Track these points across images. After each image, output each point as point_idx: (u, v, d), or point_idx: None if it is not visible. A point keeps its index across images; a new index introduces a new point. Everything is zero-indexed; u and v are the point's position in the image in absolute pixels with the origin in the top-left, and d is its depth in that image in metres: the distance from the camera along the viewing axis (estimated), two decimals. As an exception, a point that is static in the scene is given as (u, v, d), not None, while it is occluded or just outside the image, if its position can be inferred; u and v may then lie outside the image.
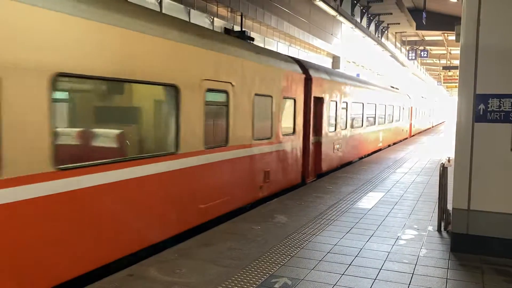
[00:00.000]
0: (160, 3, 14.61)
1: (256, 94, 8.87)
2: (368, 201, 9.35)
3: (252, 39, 10.26)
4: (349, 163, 16.01)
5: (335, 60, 31.30)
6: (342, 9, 23.74)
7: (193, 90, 6.76)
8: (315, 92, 12.13)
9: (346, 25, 27.08)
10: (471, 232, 6.12)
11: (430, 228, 7.34)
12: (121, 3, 5.66)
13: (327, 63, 29.63)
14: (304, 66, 11.90)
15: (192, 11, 16.14)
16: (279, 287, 4.86)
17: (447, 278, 5.22)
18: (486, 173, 6.02)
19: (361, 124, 17.30)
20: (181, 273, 5.15)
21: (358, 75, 21.16)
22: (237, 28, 18.62)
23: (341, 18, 23.56)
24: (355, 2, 27.63)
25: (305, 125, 11.71)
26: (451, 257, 5.94)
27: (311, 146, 12.07)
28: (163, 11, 14.37)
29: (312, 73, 12.02)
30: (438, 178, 7.79)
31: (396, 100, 24.27)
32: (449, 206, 6.77)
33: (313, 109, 12.10)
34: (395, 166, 14.90)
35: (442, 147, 23.05)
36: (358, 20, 29.45)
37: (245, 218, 7.69)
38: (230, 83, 7.89)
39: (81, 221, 4.94)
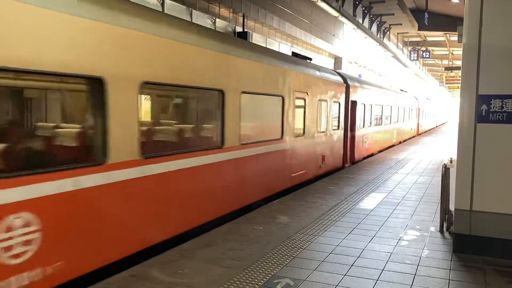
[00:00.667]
0: (162, 4, 14.63)
1: (319, 100, 12.34)
2: (370, 202, 9.34)
3: (310, 59, 13.03)
4: (371, 155, 18.75)
5: (337, 60, 31.29)
6: (344, 9, 23.75)
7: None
8: (352, 97, 15.27)
9: (348, 25, 27.09)
10: (474, 233, 6.11)
11: (432, 229, 7.33)
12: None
13: (329, 63, 29.62)
14: (343, 77, 14.98)
15: (194, 12, 16.16)
16: (282, 287, 4.86)
17: (449, 279, 5.21)
18: (488, 174, 6.01)
19: (380, 123, 20.27)
20: (183, 274, 5.15)
21: (360, 75, 21.15)
22: (239, 29, 18.63)
23: (343, 19, 23.57)
24: (357, 3, 27.62)
25: (345, 123, 14.98)
26: (454, 258, 5.93)
27: (348, 140, 15.21)
28: (165, 12, 14.40)
29: (349, 81, 15.07)
30: (440, 178, 7.77)
31: (406, 102, 27.67)
32: (451, 207, 6.75)
33: (350, 110, 15.24)
34: (397, 167, 14.88)
35: (445, 147, 23.01)
36: (360, 21, 29.45)
37: (247, 218, 7.69)
38: (307, 93, 11.51)
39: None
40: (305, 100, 11.33)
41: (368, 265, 5.59)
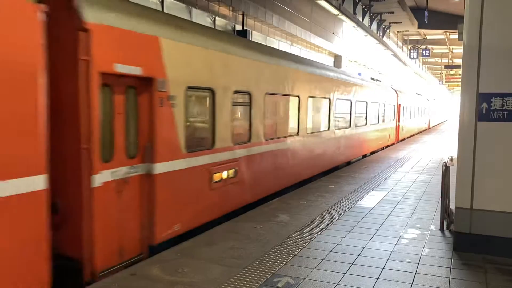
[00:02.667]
0: (162, 2, 14.61)
1: (384, 104, 20.60)
2: (370, 200, 9.33)
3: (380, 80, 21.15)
4: (402, 140, 26.61)
5: (337, 59, 31.26)
6: (344, 8, 23.71)
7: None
8: (399, 101, 24.54)
9: (348, 24, 27.06)
10: (474, 231, 6.11)
11: (432, 227, 7.32)
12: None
13: (328, 62, 29.60)
14: (393, 88, 24.62)
15: (193, 10, 16.13)
16: (282, 286, 4.85)
17: (450, 277, 5.21)
18: (489, 172, 6.00)
19: (409, 116, 28.94)
20: (183, 273, 5.15)
21: (359, 74, 21.12)
22: (238, 27, 18.61)
23: (343, 17, 23.54)
24: (357, 1, 27.59)
25: (396, 116, 24.11)
26: (454, 256, 5.93)
27: (397, 127, 24.45)
28: (165, 10, 14.37)
29: (397, 91, 24.70)
30: (440, 177, 7.77)
31: (421, 104, 34.94)
32: (452, 205, 6.75)
33: (398, 109, 24.26)
34: (397, 165, 14.88)
35: (444, 145, 23.02)
36: (360, 19, 29.41)
37: (248, 217, 7.69)
38: (379, 101, 19.65)
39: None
40: (379, 104, 19.20)
41: (369, 264, 5.59)
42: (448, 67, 46.14)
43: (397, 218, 7.86)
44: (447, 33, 37.73)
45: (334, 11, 21.79)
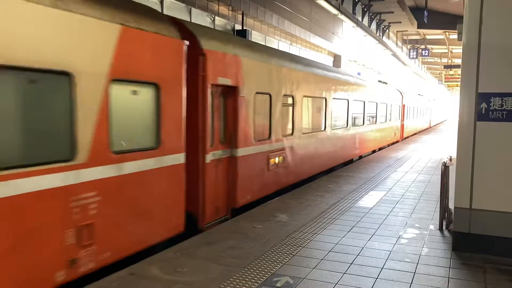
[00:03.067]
0: (162, 2, 14.60)
1: (391, 104, 22.45)
2: (370, 200, 9.34)
3: (386, 83, 22.67)
4: (406, 138, 28.21)
5: (336, 59, 31.27)
6: (344, 7, 23.70)
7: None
8: (404, 102, 26.28)
9: (347, 23, 27.06)
10: (473, 231, 6.11)
11: (431, 227, 7.33)
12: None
13: (328, 61, 29.61)
14: (398, 90, 25.60)
15: (193, 9, 16.13)
16: (281, 286, 4.85)
17: (449, 277, 5.21)
18: (488, 172, 6.01)
19: (412, 116, 30.59)
20: (182, 272, 5.15)
21: (359, 73, 21.13)
22: (238, 27, 18.60)
23: (342, 17, 23.53)
24: (356, 0, 27.59)
25: (401, 116, 26.10)
26: (453, 256, 5.94)
27: (402, 126, 26.42)
28: (164, 10, 14.36)
29: (402, 92, 26.16)
30: (439, 177, 7.77)
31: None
32: (451, 205, 6.75)
33: (403, 110, 26.18)
34: (396, 165, 14.88)
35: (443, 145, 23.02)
36: (360, 18, 29.41)
37: (247, 216, 7.69)
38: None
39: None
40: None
41: (368, 263, 5.59)
42: (448, 67, 46.16)
43: (396, 218, 7.86)
44: (447, 33, 37.74)
45: (333, 10, 21.78)
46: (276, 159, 9.72)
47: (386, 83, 23.47)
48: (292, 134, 10.53)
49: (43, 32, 4.28)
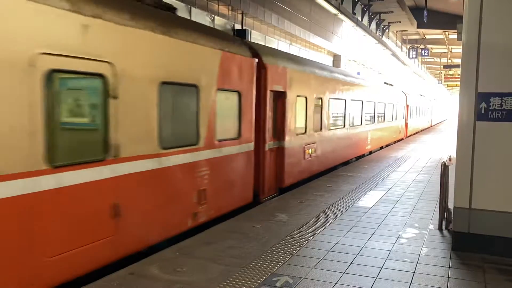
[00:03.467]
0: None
1: (397, 105, 24.33)
2: (369, 199, 9.34)
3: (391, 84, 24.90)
4: (410, 135, 29.65)
5: (336, 58, 31.27)
6: (343, 7, 23.70)
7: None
8: (408, 102, 27.99)
9: (347, 23, 27.06)
10: (473, 231, 6.11)
11: (431, 226, 7.33)
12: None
13: (327, 61, 29.60)
14: (403, 91, 27.26)
15: (192, 9, 16.12)
16: (281, 285, 4.85)
17: (448, 277, 5.21)
18: (487, 172, 6.01)
19: (415, 115, 32.09)
20: (182, 272, 5.15)
21: (358, 73, 21.18)
22: (238, 26, 18.59)
23: (342, 17, 23.54)
24: (356, 0, 27.59)
25: (406, 115, 27.77)
26: (453, 256, 5.94)
27: (406, 124, 28.12)
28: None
29: (406, 93, 27.60)
30: (439, 176, 7.77)
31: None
32: (450, 205, 6.76)
33: (407, 109, 27.84)
34: (396, 165, 14.89)
35: (443, 144, 23.04)
36: (359, 18, 29.42)
37: (246, 216, 7.69)
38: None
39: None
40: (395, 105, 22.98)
41: (367, 263, 5.60)
42: (447, 66, 46.15)
43: (395, 218, 7.87)
44: (446, 32, 37.75)
45: (333, 10, 21.78)
46: (310, 150, 11.74)
47: (392, 85, 24.72)
48: (320, 130, 12.53)
49: (187, 60, 6.63)
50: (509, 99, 5.83)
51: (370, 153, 18.87)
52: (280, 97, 9.92)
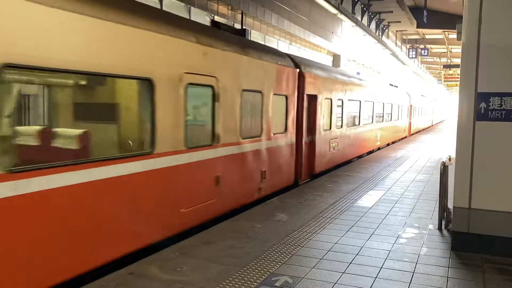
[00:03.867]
0: (161, 1, 14.59)
1: (402, 105, 26.99)
2: (369, 199, 9.34)
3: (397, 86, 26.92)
4: (413, 134, 31.82)
5: (336, 58, 31.27)
6: (343, 7, 23.69)
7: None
8: (411, 103, 30.19)
9: (346, 23, 27.05)
10: (472, 230, 6.11)
11: (430, 226, 7.33)
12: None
13: (327, 61, 29.59)
14: (407, 92, 29.31)
15: (192, 9, 16.11)
16: (280, 285, 4.85)
17: (447, 277, 5.21)
18: (487, 172, 6.01)
19: (418, 115, 34.41)
20: (181, 271, 5.15)
21: (358, 73, 21.21)
22: (237, 26, 18.59)
23: (341, 16, 23.52)
24: (355, 0, 27.58)
25: (409, 115, 29.93)
26: (452, 256, 5.94)
27: (409, 123, 30.42)
28: (164, 9, 14.35)
29: (409, 94, 29.73)
30: (438, 176, 7.78)
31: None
32: (450, 205, 6.76)
33: (410, 109, 30.11)
34: (396, 165, 14.89)
35: (442, 144, 23.04)
36: (359, 18, 29.40)
37: (246, 216, 7.69)
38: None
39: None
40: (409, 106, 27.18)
41: (367, 263, 5.60)
42: (447, 66, 46.18)
43: (395, 218, 7.87)
44: (446, 32, 37.75)
45: (333, 10, 21.77)
46: (333, 144, 13.87)
47: (397, 87, 26.71)
48: (341, 127, 14.69)
49: (256, 72, 8.89)
50: (509, 99, 5.84)
51: (379, 149, 20.84)
52: (313, 100, 11.99)
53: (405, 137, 28.57)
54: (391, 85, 25.58)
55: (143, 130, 6.00)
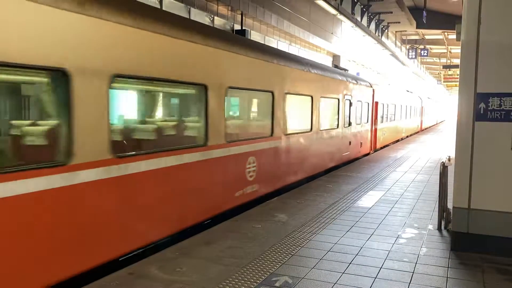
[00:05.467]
0: (161, 1, 14.60)
1: (416, 107, 36.04)
2: (368, 199, 9.35)
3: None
4: (423, 130, 40.06)
5: (335, 59, 31.27)
6: (343, 7, 23.71)
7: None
8: (422, 105, 38.95)
9: (346, 24, 27.07)
10: (472, 231, 6.12)
11: (430, 227, 7.34)
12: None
13: (327, 61, 29.61)
14: (419, 96, 37.94)
15: (192, 9, 16.12)
16: (280, 285, 4.86)
17: (447, 277, 5.22)
18: (486, 172, 6.02)
19: (427, 114, 42.46)
20: (181, 272, 5.15)
21: (358, 74, 21.34)
22: (237, 27, 18.60)
23: (341, 17, 23.54)
24: (355, 1, 27.60)
25: (421, 115, 38.98)
26: (452, 256, 5.95)
27: (421, 121, 39.05)
28: (163, 9, 14.34)
29: (421, 98, 38.53)
30: (438, 177, 7.78)
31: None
32: (450, 205, 6.77)
33: (421, 110, 39.40)
34: (395, 165, 14.90)
35: (443, 144, 23.06)
36: (359, 18, 29.43)
37: (246, 216, 7.70)
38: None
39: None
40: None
41: (366, 263, 5.61)
42: (446, 67, 46.15)
43: (395, 218, 7.88)
44: (446, 33, 37.78)
45: (332, 11, 21.79)
46: (382, 132, 20.50)
47: (412, 92, 34.80)
48: (386, 121, 20.93)
49: (363, 92, 17.20)
50: (508, 99, 5.85)
51: (402, 139, 27.76)
52: (376, 104, 19.10)
53: (418, 131, 36.35)
54: (407, 91, 33.15)
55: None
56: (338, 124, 14.05)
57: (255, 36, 19.99)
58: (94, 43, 4.91)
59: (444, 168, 7.43)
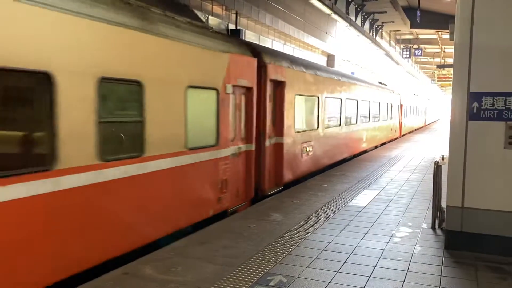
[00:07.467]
0: (155, 1, 14.53)
1: (423, 108, 46.90)
2: (363, 199, 9.38)
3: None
4: (427, 125, 51.04)
5: (330, 58, 31.33)
6: (337, 7, 23.76)
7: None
8: (427, 106, 52.99)
9: (340, 23, 27.13)
10: (465, 229, 6.16)
11: (424, 225, 7.38)
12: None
13: (321, 61, 29.65)
14: (427, 98, 53.66)
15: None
16: (274, 284, 4.87)
17: (441, 275, 5.25)
18: (480, 171, 6.05)
19: (430, 114, 58.39)
20: (176, 271, 5.15)
21: (352, 73, 21.29)
22: (232, 26, 18.58)
23: (335, 17, 23.59)
24: (349, 0, 27.66)
25: (426, 114, 50.95)
26: (445, 255, 5.98)
27: (425, 120, 50.72)
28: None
29: (427, 100, 53.12)
30: (432, 176, 7.82)
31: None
32: (443, 204, 6.80)
33: (426, 111, 51.56)
34: (390, 164, 14.96)
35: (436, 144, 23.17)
36: (353, 18, 29.50)
37: (241, 216, 7.70)
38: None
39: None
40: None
41: (361, 262, 5.63)
42: (440, 66, 46.40)
43: (389, 217, 7.91)
44: (439, 32, 37.93)
45: (327, 10, 21.84)
46: (406, 124, 29.85)
47: (418, 95, 40.51)
48: (409, 116, 29.34)
49: (388, 97, 24.09)
50: (501, 98, 5.89)
51: (415, 130, 36.55)
52: (403, 107, 25.02)
53: (422, 127, 44.36)
54: (415, 94, 38.40)
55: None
56: (390, 117, 24.19)
57: (250, 35, 19.99)
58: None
59: (438, 167, 7.46)
